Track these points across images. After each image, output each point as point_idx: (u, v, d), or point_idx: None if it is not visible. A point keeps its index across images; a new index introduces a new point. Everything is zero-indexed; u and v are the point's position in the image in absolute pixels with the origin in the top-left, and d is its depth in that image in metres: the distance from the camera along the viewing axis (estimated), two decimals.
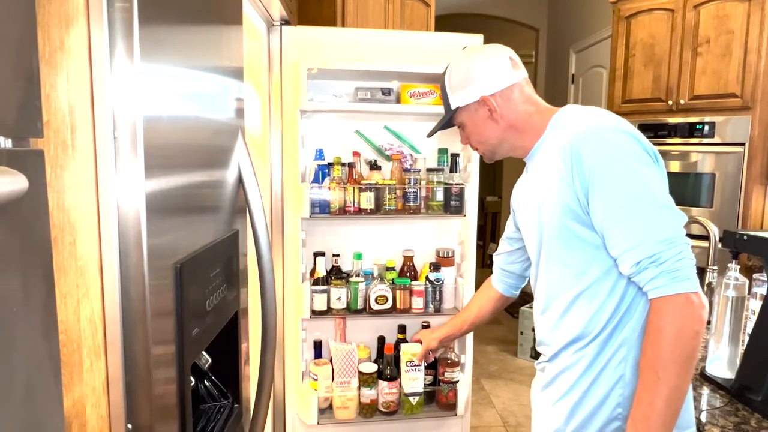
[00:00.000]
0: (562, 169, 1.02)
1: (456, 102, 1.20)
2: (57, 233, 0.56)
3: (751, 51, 2.70)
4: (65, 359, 0.58)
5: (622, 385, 1.04)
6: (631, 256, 0.96)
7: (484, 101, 1.15)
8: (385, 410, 2.05)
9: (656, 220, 0.95)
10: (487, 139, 1.21)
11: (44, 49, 0.54)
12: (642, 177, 0.97)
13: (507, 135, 1.18)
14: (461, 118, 1.22)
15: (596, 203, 0.99)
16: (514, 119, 1.16)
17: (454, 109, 1.20)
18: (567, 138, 1.03)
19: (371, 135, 2.17)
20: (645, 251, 0.94)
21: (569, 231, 1.05)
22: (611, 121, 1.04)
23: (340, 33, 2.15)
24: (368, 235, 2.21)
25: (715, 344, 1.36)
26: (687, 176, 2.97)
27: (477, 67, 1.17)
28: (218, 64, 0.94)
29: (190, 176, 0.78)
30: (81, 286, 0.59)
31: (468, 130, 1.23)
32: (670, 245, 0.93)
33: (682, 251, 0.93)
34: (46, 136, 0.54)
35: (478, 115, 1.18)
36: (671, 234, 0.93)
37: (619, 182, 0.97)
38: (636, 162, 0.98)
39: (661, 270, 0.92)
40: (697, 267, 0.96)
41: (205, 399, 1.00)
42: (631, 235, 0.96)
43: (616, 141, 1.00)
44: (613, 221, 0.98)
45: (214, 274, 0.87)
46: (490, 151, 1.24)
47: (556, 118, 1.13)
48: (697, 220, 1.94)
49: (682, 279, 0.92)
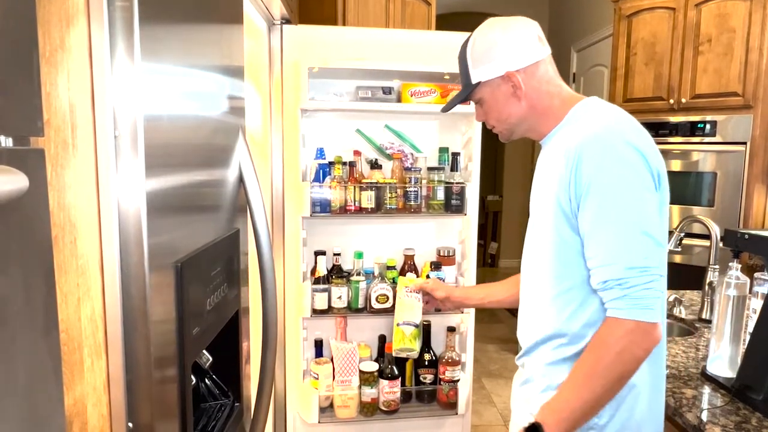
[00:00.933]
0: (564, 170, 1.01)
1: (478, 76, 1.12)
2: (58, 232, 0.56)
3: (753, 49, 2.70)
4: (66, 358, 0.58)
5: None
6: (601, 273, 0.97)
7: (509, 77, 1.09)
8: (386, 409, 2.05)
9: (634, 245, 0.95)
10: (507, 117, 1.14)
11: (45, 47, 0.54)
12: (635, 199, 0.96)
13: (528, 114, 1.13)
14: (481, 93, 1.15)
15: (585, 212, 0.98)
16: (537, 99, 1.11)
17: (475, 83, 1.13)
18: (577, 139, 1.01)
19: (372, 134, 2.17)
20: (615, 273, 0.95)
21: (558, 231, 1.04)
22: (626, 129, 1.00)
23: (340, 32, 2.15)
24: (369, 234, 2.21)
25: (716, 343, 1.36)
26: (688, 175, 2.97)
27: (503, 39, 1.10)
28: (219, 63, 0.93)
29: (190, 175, 0.78)
30: (82, 285, 0.59)
31: (487, 107, 1.16)
32: (640, 273, 0.94)
33: (652, 281, 0.94)
34: (46, 135, 0.54)
35: (501, 92, 1.12)
36: (645, 263, 0.94)
37: (611, 198, 0.96)
38: (634, 181, 0.96)
39: (625, 293, 0.94)
40: (698, 266, 0.96)
41: (206, 398, 1.00)
42: (606, 253, 0.96)
43: (622, 154, 0.97)
44: (594, 234, 0.98)
45: (215, 273, 0.87)
46: (507, 130, 1.18)
47: (576, 110, 1.09)
48: (698, 219, 1.94)
49: (642, 307, 0.93)
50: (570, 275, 1.04)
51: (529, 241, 1.17)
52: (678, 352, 1.55)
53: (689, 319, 1.89)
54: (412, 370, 2.15)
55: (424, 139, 2.20)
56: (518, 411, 1.20)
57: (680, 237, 1.88)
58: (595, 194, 0.97)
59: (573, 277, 1.04)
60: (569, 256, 1.04)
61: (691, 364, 1.46)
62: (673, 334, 1.92)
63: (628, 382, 1.01)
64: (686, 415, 1.18)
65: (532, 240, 1.15)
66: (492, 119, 1.18)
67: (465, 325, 2.18)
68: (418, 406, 2.15)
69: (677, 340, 1.68)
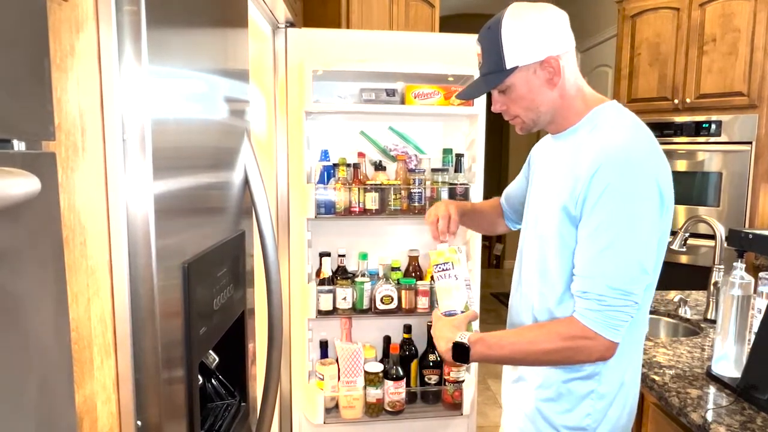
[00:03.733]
0: (581, 174, 1.00)
1: (515, 60, 1.02)
2: (68, 233, 0.57)
3: (758, 49, 2.69)
4: (76, 356, 0.59)
5: (594, 397, 1.06)
6: (584, 283, 0.99)
7: (548, 62, 1.02)
8: (391, 410, 2.05)
9: (625, 269, 0.97)
10: (538, 106, 1.06)
11: (56, 54, 0.55)
12: (640, 227, 0.96)
13: (557, 105, 1.06)
14: (514, 79, 1.04)
15: (589, 222, 0.99)
16: (567, 90, 1.06)
17: (512, 68, 1.03)
18: (600, 149, 0.99)
19: (376, 136, 2.18)
20: (597, 288, 0.97)
21: (560, 233, 1.05)
22: (649, 151, 0.99)
23: (344, 34, 2.17)
24: (373, 236, 2.22)
25: (721, 343, 1.36)
26: (694, 175, 2.96)
27: (542, 22, 1.02)
28: (224, 67, 0.95)
29: (197, 177, 0.80)
30: (92, 285, 0.60)
31: (516, 95, 1.06)
32: (621, 296, 0.97)
33: (627, 306, 0.97)
34: (57, 138, 0.56)
35: (537, 78, 1.04)
36: (628, 288, 0.97)
37: (617, 218, 0.96)
38: (644, 210, 0.96)
39: (600, 309, 0.97)
40: (704, 266, 0.98)
41: (213, 397, 1.01)
42: (596, 266, 0.98)
43: (640, 180, 0.96)
44: (591, 244, 0.99)
45: (221, 274, 0.88)
46: (532, 121, 1.10)
47: (598, 112, 1.06)
48: (703, 219, 1.94)
49: (610, 326, 0.97)
50: (566, 280, 1.05)
51: (528, 240, 1.16)
52: (683, 352, 1.55)
53: (694, 319, 1.88)
54: (417, 370, 2.16)
55: (427, 140, 2.20)
56: (511, 409, 1.21)
57: (685, 237, 1.87)
58: (604, 208, 0.96)
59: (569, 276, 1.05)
60: (569, 256, 1.04)
61: (696, 364, 1.46)
62: (678, 334, 1.92)
63: (621, 380, 1.06)
64: (691, 415, 1.18)
65: (531, 239, 1.15)
66: (518, 108, 1.08)
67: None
68: (423, 406, 2.15)
69: (682, 340, 1.67)
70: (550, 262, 1.08)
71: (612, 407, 1.06)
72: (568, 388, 1.07)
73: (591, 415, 1.06)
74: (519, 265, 1.21)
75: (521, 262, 1.20)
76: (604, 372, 1.06)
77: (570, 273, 1.04)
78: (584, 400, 1.06)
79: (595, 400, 1.06)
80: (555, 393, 1.08)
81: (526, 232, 1.19)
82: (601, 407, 1.06)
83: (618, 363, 1.05)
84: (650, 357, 1.49)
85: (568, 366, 1.06)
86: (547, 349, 1.01)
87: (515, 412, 1.17)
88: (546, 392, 1.09)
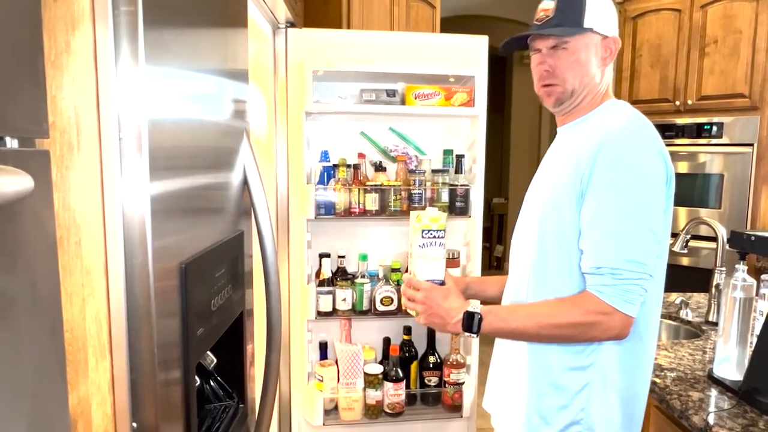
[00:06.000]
0: (584, 154, 1.01)
1: (593, 23, 1.05)
2: (63, 233, 0.57)
3: (759, 51, 2.68)
4: (71, 358, 0.58)
5: (588, 390, 1.05)
6: (596, 258, 0.98)
7: (613, 41, 1.08)
8: (390, 411, 2.04)
9: (636, 239, 0.97)
10: (582, 77, 1.07)
11: (50, 51, 0.54)
12: (647, 195, 0.97)
13: (592, 84, 1.09)
14: (577, 41, 1.06)
15: (593, 198, 0.99)
16: (604, 77, 1.11)
17: (587, 28, 1.05)
18: (604, 128, 1.02)
19: (376, 136, 2.17)
20: (611, 261, 0.96)
21: (572, 220, 1.03)
22: (651, 128, 1.03)
23: (345, 35, 2.16)
24: (373, 237, 2.21)
25: (723, 346, 1.35)
26: (695, 177, 2.95)
27: (612, 6, 1.09)
28: (223, 67, 0.94)
29: (195, 178, 0.79)
30: (86, 286, 0.59)
31: (575, 58, 1.06)
32: (636, 267, 0.96)
33: (642, 278, 0.97)
34: (51, 137, 0.55)
35: (596, 50, 1.07)
36: (642, 259, 0.96)
37: (625, 189, 0.97)
38: (651, 180, 0.98)
39: (616, 283, 0.96)
40: (706, 269, 0.97)
41: (211, 399, 1.01)
42: (606, 239, 0.97)
43: (645, 151, 0.99)
44: (599, 220, 0.98)
45: (219, 275, 0.87)
46: (571, 91, 1.09)
47: (607, 105, 1.10)
48: (704, 222, 1.93)
49: (627, 300, 0.97)
50: (567, 272, 1.05)
51: (524, 229, 1.15)
52: (684, 355, 1.54)
53: (696, 321, 1.87)
54: (417, 372, 2.15)
55: (428, 141, 2.20)
56: (504, 402, 1.20)
57: (687, 239, 1.86)
58: (611, 183, 0.97)
59: (570, 274, 1.05)
60: (569, 243, 1.04)
61: (698, 366, 1.45)
62: (679, 337, 1.91)
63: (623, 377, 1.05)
64: (693, 418, 1.17)
65: (529, 227, 1.13)
66: (564, 71, 1.07)
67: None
68: (422, 408, 2.14)
69: (684, 342, 1.67)
70: (549, 250, 1.07)
71: (609, 401, 1.05)
72: (562, 382, 1.06)
73: (585, 409, 1.05)
74: (515, 259, 1.20)
75: (517, 255, 1.19)
76: (594, 380, 1.05)
77: (569, 264, 1.04)
78: (579, 393, 1.05)
79: (590, 394, 1.05)
80: (550, 387, 1.08)
81: (523, 223, 1.17)
82: (596, 403, 1.04)
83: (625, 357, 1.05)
84: None
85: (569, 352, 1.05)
86: (562, 323, 1.00)
87: (507, 411, 1.17)
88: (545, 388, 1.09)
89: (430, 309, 1.10)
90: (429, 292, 1.12)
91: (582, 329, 0.99)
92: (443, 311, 1.09)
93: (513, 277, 1.18)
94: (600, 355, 1.04)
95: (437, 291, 1.12)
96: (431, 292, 1.12)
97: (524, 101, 5.93)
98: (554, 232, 1.06)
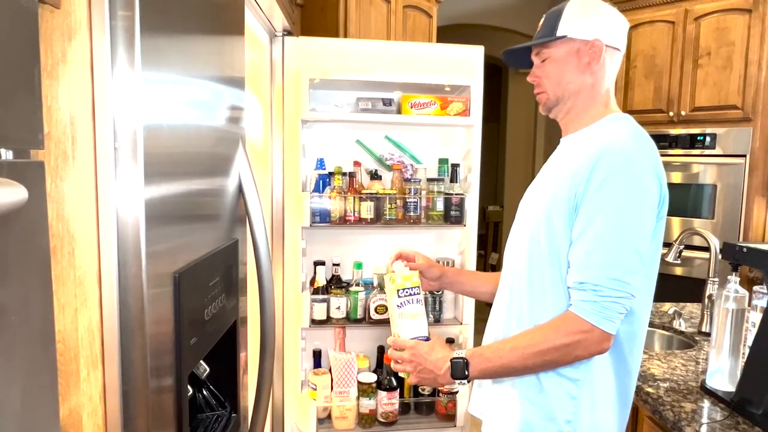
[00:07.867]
0: (581, 167, 1.01)
1: (566, 30, 1.07)
2: (56, 243, 0.56)
3: (752, 63, 2.71)
4: (62, 368, 0.58)
5: (575, 404, 1.05)
6: (580, 272, 0.99)
7: (593, 45, 1.06)
8: (384, 420, 2.04)
9: (623, 258, 0.97)
10: (568, 83, 1.09)
11: (46, 61, 0.54)
12: (636, 214, 0.98)
13: (585, 91, 1.09)
14: (556, 50, 1.09)
15: (585, 211, 0.99)
16: (598, 84, 1.09)
17: (560, 36, 1.07)
18: (602, 142, 1.02)
19: (372, 145, 2.18)
20: (593, 277, 0.97)
21: (554, 231, 1.04)
22: (651, 148, 1.03)
23: (341, 43, 2.17)
24: (368, 245, 2.21)
25: (716, 357, 1.36)
26: (688, 187, 2.98)
27: (605, 9, 1.09)
28: (219, 74, 0.94)
29: (189, 185, 0.79)
30: (79, 296, 0.59)
31: (551, 68, 1.10)
32: (617, 285, 0.97)
33: (622, 297, 0.97)
34: (46, 147, 0.55)
35: (575, 56, 1.08)
36: (624, 278, 0.97)
37: (616, 207, 0.97)
38: (643, 201, 0.98)
39: (596, 300, 0.97)
40: (699, 279, 0.98)
41: (203, 408, 1.00)
42: (591, 256, 0.98)
43: (640, 171, 0.99)
44: (588, 234, 0.99)
45: (213, 284, 0.87)
46: (557, 98, 1.12)
47: (609, 119, 1.10)
48: (697, 232, 1.94)
49: (606, 317, 0.97)
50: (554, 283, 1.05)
51: (522, 240, 1.14)
52: (677, 366, 1.54)
53: (689, 331, 1.88)
54: None
55: (424, 150, 2.21)
56: (492, 410, 1.20)
57: (680, 249, 1.87)
58: (602, 198, 0.98)
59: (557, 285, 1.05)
60: (560, 258, 1.04)
61: (691, 377, 1.46)
62: (673, 347, 1.92)
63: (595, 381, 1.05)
64: (685, 430, 1.17)
65: (526, 239, 1.13)
66: (550, 81, 1.11)
67: (464, 336, 2.17)
68: (416, 417, 2.14)
69: (676, 353, 1.67)
70: (541, 260, 1.07)
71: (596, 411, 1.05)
72: (549, 392, 1.06)
73: (570, 422, 1.04)
74: (507, 266, 1.20)
75: (507, 271, 1.19)
76: (581, 393, 1.05)
77: (560, 274, 1.04)
78: (565, 403, 1.05)
79: (576, 407, 1.05)
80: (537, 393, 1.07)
81: (517, 232, 1.17)
82: (582, 415, 1.04)
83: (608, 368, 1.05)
84: (645, 369, 1.49)
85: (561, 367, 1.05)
86: (544, 349, 1.00)
87: (501, 414, 1.16)
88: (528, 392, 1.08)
89: (419, 365, 1.11)
90: (414, 348, 1.13)
91: (566, 350, 0.99)
92: (431, 365, 1.10)
93: (504, 284, 1.19)
94: (588, 368, 1.05)
95: (422, 346, 1.13)
96: (416, 348, 1.13)
97: (519, 110, 5.96)
98: (546, 242, 1.06)
